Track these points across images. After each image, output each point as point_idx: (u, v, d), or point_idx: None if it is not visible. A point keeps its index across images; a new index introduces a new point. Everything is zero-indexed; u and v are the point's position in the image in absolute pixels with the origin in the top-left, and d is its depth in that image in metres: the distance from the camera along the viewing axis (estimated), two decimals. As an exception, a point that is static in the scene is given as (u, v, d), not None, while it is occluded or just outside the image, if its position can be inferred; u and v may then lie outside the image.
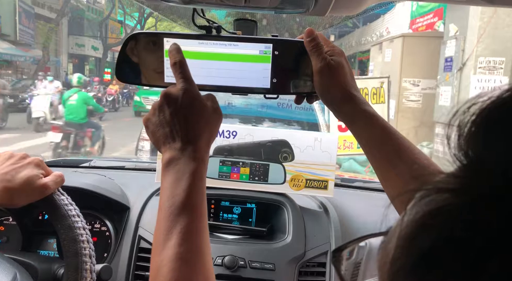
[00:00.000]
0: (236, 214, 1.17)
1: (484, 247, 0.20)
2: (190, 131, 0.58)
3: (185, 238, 0.51)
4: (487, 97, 0.23)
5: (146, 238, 1.07)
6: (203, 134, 0.59)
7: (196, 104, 0.59)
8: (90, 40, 26.11)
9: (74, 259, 0.71)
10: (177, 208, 0.53)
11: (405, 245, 0.23)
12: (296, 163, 1.17)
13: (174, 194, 0.54)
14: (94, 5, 27.39)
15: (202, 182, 0.56)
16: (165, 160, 0.58)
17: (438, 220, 0.22)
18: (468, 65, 5.45)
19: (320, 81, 0.64)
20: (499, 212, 0.20)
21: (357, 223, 1.14)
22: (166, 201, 0.54)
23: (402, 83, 6.98)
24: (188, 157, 0.56)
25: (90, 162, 1.46)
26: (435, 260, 0.21)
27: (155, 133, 0.60)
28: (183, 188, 0.54)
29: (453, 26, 5.80)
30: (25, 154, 0.77)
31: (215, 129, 0.62)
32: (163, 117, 0.58)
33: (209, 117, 0.60)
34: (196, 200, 0.54)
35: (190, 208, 0.53)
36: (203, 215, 0.54)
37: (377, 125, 0.63)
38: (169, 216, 0.53)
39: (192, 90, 0.59)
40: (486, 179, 0.22)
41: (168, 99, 0.58)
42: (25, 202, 0.73)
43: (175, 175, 0.56)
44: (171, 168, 0.56)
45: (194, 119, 0.58)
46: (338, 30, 17.78)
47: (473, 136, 0.23)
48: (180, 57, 0.60)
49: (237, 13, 0.95)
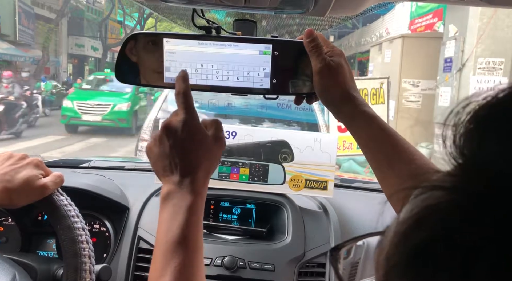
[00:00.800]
0: (236, 215, 1.17)
1: (477, 245, 0.20)
2: (188, 164, 0.58)
3: (178, 276, 0.51)
4: (483, 97, 0.24)
5: (145, 239, 1.07)
6: (201, 166, 0.59)
7: (196, 136, 0.59)
8: (89, 41, 26.12)
9: (73, 259, 0.71)
10: (172, 244, 0.53)
11: (399, 241, 0.23)
12: (295, 164, 1.17)
13: (169, 229, 0.55)
14: (93, 5, 27.41)
15: (199, 215, 0.57)
16: (163, 194, 0.58)
17: (432, 217, 0.22)
18: (467, 66, 5.46)
19: (319, 82, 0.64)
20: (493, 210, 0.21)
21: (356, 224, 1.14)
22: (162, 237, 0.55)
23: (401, 84, 6.98)
24: (185, 191, 0.57)
25: (89, 162, 1.46)
26: (429, 256, 0.21)
27: (156, 164, 0.60)
28: (179, 223, 0.54)
29: (453, 27, 5.81)
30: (24, 154, 0.77)
31: (215, 160, 0.62)
32: (162, 150, 0.59)
33: (210, 148, 0.60)
34: (191, 235, 0.55)
35: (185, 243, 0.54)
36: (198, 251, 0.55)
37: (376, 126, 0.63)
38: (164, 252, 0.53)
39: (193, 121, 0.59)
40: (481, 178, 0.22)
41: (167, 131, 0.59)
42: (24, 203, 0.73)
43: (172, 209, 0.56)
44: (168, 201, 0.57)
45: (193, 151, 0.58)
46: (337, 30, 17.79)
47: (468, 136, 0.23)
48: (185, 87, 0.60)
49: (237, 14, 0.95)
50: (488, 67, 5.34)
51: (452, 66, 5.74)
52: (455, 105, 0.24)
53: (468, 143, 0.23)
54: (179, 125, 0.58)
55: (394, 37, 7.70)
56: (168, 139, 0.58)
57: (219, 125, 0.62)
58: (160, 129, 0.60)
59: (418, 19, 10.46)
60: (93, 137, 9.51)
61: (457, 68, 5.59)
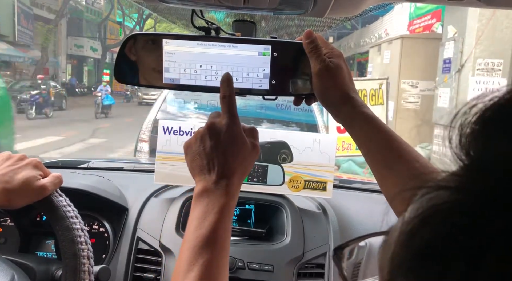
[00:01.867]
0: (235, 215, 1.16)
1: (483, 244, 0.20)
2: (226, 167, 0.59)
3: (206, 273, 0.52)
4: (489, 98, 0.24)
5: (144, 240, 1.06)
6: (238, 170, 0.60)
7: (237, 141, 0.61)
8: (89, 41, 26.10)
9: (72, 260, 0.71)
10: (201, 241, 0.54)
11: (405, 241, 0.23)
12: (294, 164, 1.17)
13: (201, 226, 0.56)
14: (93, 6, 27.40)
15: (230, 217, 0.58)
16: (197, 190, 0.59)
17: (438, 216, 0.22)
18: (466, 67, 5.46)
19: (318, 83, 0.64)
20: (499, 210, 0.21)
21: (355, 224, 1.14)
22: (192, 232, 0.56)
23: (400, 85, 6.99)
24: (219, 192, 0.58)
25: (88, 163, 1.46)
26: (434, 256, 0.21)
27: (193, 161, 0.61)
28: (210, 222, 0.56)
29: (452, 28, 5.82)
30: (23, 155, 0.77)
31: (250, 166, 0.64)
32: (203, 149, 0.60)
33: (247, 155, 0.62)
34: (221, 236, 0.56)
35: (214, 243, 0.55)
36: (225, 250, 0.56)
37: (375, 127, 0.63)
38: (193, 247, 0.54)
39: (235, 127, 0.61)
40: (487, 178, 0.22)
41: (211, 132, 0.60)
42: (23, 203, 0.73)
43: (205, 207, 0.57)
44: (202, 199, 0.58)
45: (232, 156, 0.60)
46: (337, 31, 17.82)
47: (474, 137, 0.23)
48: (230, 91, 0.62)
49: (236, 15, 0.95)
50: (487, 68, 5.34)
51: (451, 67, 5.75)
52: (461, 106, 0.25)
53: (474, 143, 0.23)
54: (223, 129, 0.60)
55: (393, 38, 7.71)
56: (211, 140, 0.60)
57: (257, 134, 0.65)
58: (203, 128, 0.61)
59: (417, 20, 10.48)
60: (92, 138, 9.50)
61: (456, 69, 5.60)
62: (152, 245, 1.05)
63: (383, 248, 0.26)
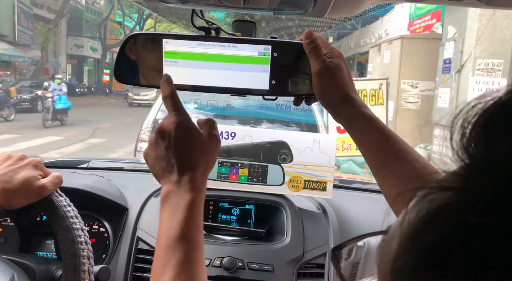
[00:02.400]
0: (235, 215, 1.17)
1: (488, 245, 0.20)
2: (185, 163, 0.59)
3: (180, 271, 0.52)
4: (490, 97, 0.24)
5: (144, 240, 1.06)
6: (198, 164, 0.60)
7: (190, 135, 0.60)
8: (89, 41, 26.10)
9: (72, 260, 0.71)
10: (172, 240, 0.54)
11: (408, 243, 0.23)
12: (294, 164, 1.17)
13: (170, 227, 0.55)
14: (93, 6, 27.40)
15: (198, 212, 0.57)
16: (163, 194, 0.59)
17: (442, 218, 0.22)
18: (466, 67, 5.46)
19: (318, 83, 0.64)
20: (503, 211, 0.21)
21: (355, 224, 1.14)
22: (162, 235, 0.55)
23: (400, 85, 6.99)
24: (183, 189, 0.57)
25: (88, 163, 1.46)
26: (438, 258, 0.21)
27: (154, 167, 0.61)
28: (178, 220, 0.55)
29: (452, 28, 5.82)
30: (23, 155, 0.77)
31: (212, 157, 0.63)
32: (159, 152, 0.60)
33: (205, 146, 0.61)
34: (192, 232, 0.55)
35: (186, 240, 0.54)
36: (198, 247, 0.56)
37: (375, 128, 0.63)
38: (165, 249, 0.54)
39: (184, 122, 0.60)
40: (489, 178, 0.22)
41: (161, 134, 0.60)
42: (23, 203, 0.73)
43: (171, 208, 0.57)
44: (168, 200, 0.58)
45: (188, 150, 0.60)
46: (337, 31, 17.81)
47: (476, 136, 0.23)
48: (170, 90, 0.62)
49: (236, 15, 0.95)
50: (487, 68, 5.34)
51: (451, 67, 5.75)
52: (463, 106, 0.24)
53: (475, 143, 0.23)
54: (172, 127, 0.59)
55: (393, 38, 7.71)
56: (163, 141, 0.60)
57: (213, 124, 0.64)
58: (154, 133, 0.61)
59: (417, 20, 10.48)
60: (92, 138, 9.50)
61: (456, 70, 5.60)
62: (152, 245, 1.05)
63: (382, 247, 0.26)
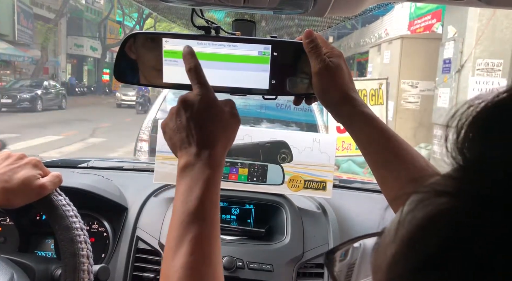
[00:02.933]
0: (235, 215, 1.16)
1: (486, 250, 0.20)
2: (206, 137, 0.58)
3: (196, 247, 0.51)
4: (486, 98, 0.24)
5: (144, 239, 1.06)
6: (219, 140, 0.59)
7: (213, 110, 0.59)
8: (89, 41, 26.09)
9: (71, 259, 0.71)
10: (189, 215, 0.53)
11: (404, 250, 0.23)
12: (294, 164, 1.17)
13: (187, 200, 0.54)
14: (93, 5, 27.39)
15: (216, 188, 0.56)
16: (180, 165, 0.57)
17: (437, 224, 0.22)
18: (466, 67, 5.46)
19: (318, 83, 0.64)
20: (499, 214, 0.20)
21: (355, 224, 1.14)
22: (179, 207, 0.54)
23: (400, 85, 6.99)
24: (203, 163, 0.56)
25: (88, 162, 1.46)
26: (435, 264, 0.21)
27: (172, 138, 0.60)
28: (197, 195, 0.54)
29: (452, 28, 5.81)
30: (22, 154, 0.77)
31: (233, 135, 0.62)
32: (179, 123, 0.59)
33: (226, 123, 0.60)
34: (209, 207, 0.54)
35: (203, 215, 0.53)
36: (215, 223, 0.55)
37: (375, 127, 0.63)
38: (181, 223, 0.53)
39: (209, 96, 0.59)
40: (484, 180, 0.21)
41: (185, 105, 0.59)
42: (22, 203, 0.73)
43: (190, 181, 0.55)
44: (186, 173, 0.56)
45: (210, 125, 0.58)
46: (337, 31, 17.81)
47: (470, 138, 0.23)
48: (195, 62, 0.60)
49: (236, 14, 0.95)
50: (487, 68, 5.34)
51: (451, 67, 5.75)
52: (458, 107, 0.24)
53: (471, 145, 0.23)
54: (197, 99, 0.58)
55: (393, 38, 7.71)
56: (186, 112, 0.58)
57: (233, 104, 0.62)
58: (177, 103, 0.60)
59: (417, 20, 10.48)
60: (92, 138, 9.50)
61: (456, 69, 5.59)
62: (152, 245, 1.05)
63: (377, 251, 0.26)
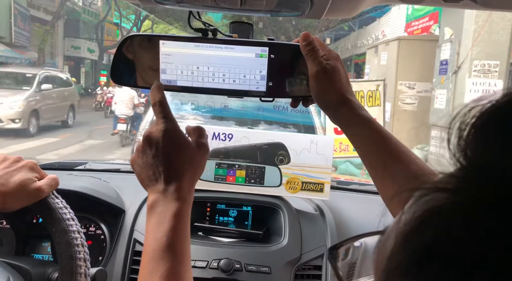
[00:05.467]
0: (232, 217, 1.16)
1: (481, 246, 0.20)
2: (172, 172, 0.58)
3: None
4: (487, 100, 0.24)
5: (141, 241, 1.06)
6: (185, 173, 0.59)
7: (178, 143, 0.59)
8: (86, 43, 26.03)
9: (68, 262, 0.71)
10: (158, 251, 0.53)
11: (402, 243, 0.23)
12: (292, 166, 1.17)
13: (156, 237, 0.54)
14: (90, 7, 27.35)
15: (184, 222, 0.57)
16: (149, 203, 0.58)
17: (437, 218, 0.22)
18: (463, 69, 5.48)
19: (315, 85, 0.64)
20: (497, 212, 0.21)
21: (353, 226, 1.14)
22: (148, 245, 0.55)
23: (397, 86, 7.00)
24: (169, 199, 0.56)
25: (85, 165, 1.45)
26: (432, 258, 0.21)
27: (140, 175, 0.60)
28: (165, 231, 0.54)
29: (448, 30, 5.84)
30: (19, 157, 0.76)
31: (200, 167, 0.62)
32: (146, 160, 0.59)
33: (193, 155, 0.60)
34: (178, 242, 0.54)
35: (172, 251, 0.53)
36: (185, 257, 0.55)
37: (372, 130, 0.63)
38: (151, 259, 0.53)
39: (173, 130, 0.59)
40: (485, 179, 0.22)
41: (149, 142, 0.59)
42: (19, 206, 0.72)
43: (157, 217, 0.56)
44: (154, 210, 0.57)
45: (176, 159, 0.59)
46: (334, 33, 17.87)
47: (472, 138, 0.24)
48: (160, 97, 0.61)
49: (233, 16, 0.95)
50: (484, 69, 5.36)
51: (447, 68, 5.77)
52: (460, 108, 0.25)
53: (472, 145, 0.23)
54: (160, 135, 0.59)
55: (390, 40, 7.72)
56: (151, 150, 0.59)
57: (202, 132, 0.63)
58: (141, 141, 0.60)
59: (415, 22, 10.51)
60: (89, 140, 9.47)
61: (452, 71, 5.61)
62: (149, 247, 1.04)
63: (378, 247, 0.26)
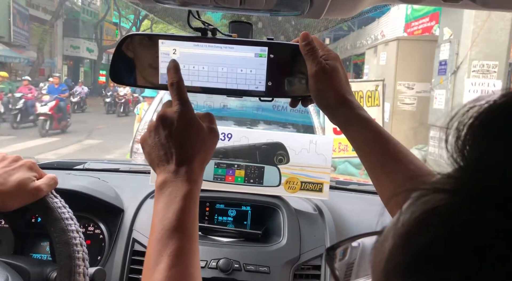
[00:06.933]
0: (231, 217, 1.16)
1: (479, 247, 0.20)
2: (184, 154, 0.58)
3: (175, 262, 0.51)
4: (485, 101, 0.24)
5: (140, 241, 1.06)
6: (197, 156, 0.59)
7: (192, 126, 0.59)
8: (85, 42, 26.01)
9: (67, 262, 0.71)
10: (168, 230, 0.53)
11: (401, 244, 0.23)
12: (291, 166, 1.17)
13: (165, 216, 0.54)
14: (89, 7, 27.32)
15: (194, 204, 0.57)
16: (158, 183, 0.58)
17: (435, 219, 0.22)
18: (462, 69, 5.49)
19: (314, 85, 0.64)
20: (495, 212, 0.21)
21: (352, 226, 1.14)
22: (157, 224, 0.55)
23: (397, 87, 7.01)
24: (181, 180, 0.57)
25: (84, 164, 1.45)
26: (431, 258, 0.22)
27: (150, 154, 0.60)
28: (175, 210, 0.54)
29: (447, 30, 5.84)
30: (17, 156, 0.76)
31: (210, 151, 0.62)
32: (158, 140, 0.59)
33: (205, 139, 0.60)
34: (187, 222, 0.54)
35: (181, 230, 0.53)
36: (194, 238, 0.55)
37: (371, 130, 0.63)
38: (160, 238, 0.53)
39: (188, 113, 0.59)
40: (483, 180, 0.22)
41: (163, 122, 0.59)
42: (17, 205, 0.72)
43: (168, 197, 0.56)
44: (164, 190, 0.57)
45: (189, 142, 0.59)
46: (333, 33, 17.88)
47: (470, 139, 0.24)
48: (178, 77, 0.60)
49: (233, 16, 0.95)
50: (483, 70, 5.37)
51: (447, 69, 5.77)
52: (458, 109, 0.25)
53: (470, 146, 0.23)
54: (175, 116, 0.59)
55: (389, 40, 7.73)
56: (164, 130, 0.59)
57: (212, 118, 0.63)
58: (155, 120, 0.60)
59: (415, 22, 10.52)
60: (88, 139, 9.46)
61: (451, 71, 5.62)
62: (148, 247, 1.04)
63: (376, 248, 0.26)
